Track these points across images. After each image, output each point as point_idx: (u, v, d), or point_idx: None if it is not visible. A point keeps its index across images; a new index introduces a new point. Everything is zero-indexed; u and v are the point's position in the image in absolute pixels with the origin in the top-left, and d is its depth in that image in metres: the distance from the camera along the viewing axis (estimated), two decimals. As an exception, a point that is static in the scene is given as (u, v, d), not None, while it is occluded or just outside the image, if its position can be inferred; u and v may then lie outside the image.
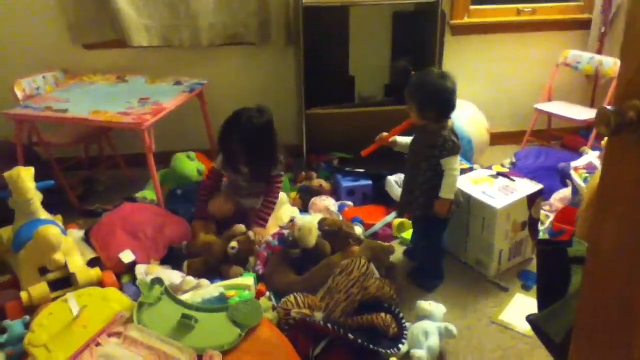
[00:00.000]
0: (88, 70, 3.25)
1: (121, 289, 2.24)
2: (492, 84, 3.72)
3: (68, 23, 3.17)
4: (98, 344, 1.83)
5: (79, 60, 3.29)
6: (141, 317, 1.93)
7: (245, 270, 2.43)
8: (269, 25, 3.27)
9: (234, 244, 2.41)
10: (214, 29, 3.25)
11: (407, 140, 2.41)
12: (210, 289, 2.18)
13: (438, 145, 2.21)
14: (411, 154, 2.35)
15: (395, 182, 2.89)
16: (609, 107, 1.05)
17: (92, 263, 2.36)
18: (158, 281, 2.03)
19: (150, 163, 2.67)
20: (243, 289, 2.22)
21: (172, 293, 2.05)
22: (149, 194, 2.90)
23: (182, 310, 1.95)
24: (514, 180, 2.55)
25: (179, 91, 2.96)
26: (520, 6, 3.59)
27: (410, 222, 2.68)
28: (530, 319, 1.40)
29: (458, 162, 2.25)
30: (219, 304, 2.06)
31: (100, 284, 2.21)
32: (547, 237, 2.68)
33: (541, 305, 1.37)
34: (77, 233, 2.60)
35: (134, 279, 2.32)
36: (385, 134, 2.40)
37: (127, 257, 2.38)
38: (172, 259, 2.50)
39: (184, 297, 2.09)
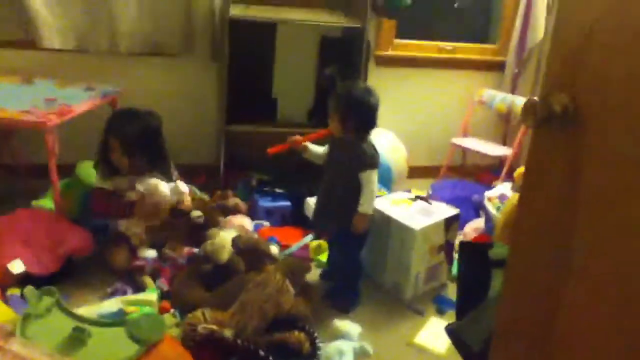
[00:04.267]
0: (-10, 70, 3.00)
1: (6, 301, 2.00)
2: (411, 116, 3.80)
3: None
4: (-29, 359, 1.60)
5: (-20, 58, 3.03)
6: (26, 330, 1.71)
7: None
8: (193, 37, 3.17)
9: (197, 213, 2.59)
10: (134, 36, 3.10)
11: (318, 149, 2.39)
12: (108, 303, 2.01)
13: (356, 155, 2.19)
14: (329, 165, 2.32)
15: (313, 205, 2.83)
16: (535, 98, 1.05)
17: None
18: (49, 291, 1.83)
19: (51, 167, 2.44)
20: (145, 304, 2.05)
21: (64, 305, 1.84)
22: (47, 202, 2.65)
23: (74, 324, 1.75)
24: (431, 204, 2.56)
25: (90, 96, 2.77)
26: (440, 43, 3.72)
27: (327, 244, 2.62)
28: (448, 328, 1.36)
29: (376, 176, 2.24)
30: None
31: (-19, 295, 1.97)
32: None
33: (460, 311, 1.33)
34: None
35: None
36: (298, 136, 2.36)
37: (16, 267, 2.15)
38: (70, 270, 2.29)
39: (79, 311, 1.89)
